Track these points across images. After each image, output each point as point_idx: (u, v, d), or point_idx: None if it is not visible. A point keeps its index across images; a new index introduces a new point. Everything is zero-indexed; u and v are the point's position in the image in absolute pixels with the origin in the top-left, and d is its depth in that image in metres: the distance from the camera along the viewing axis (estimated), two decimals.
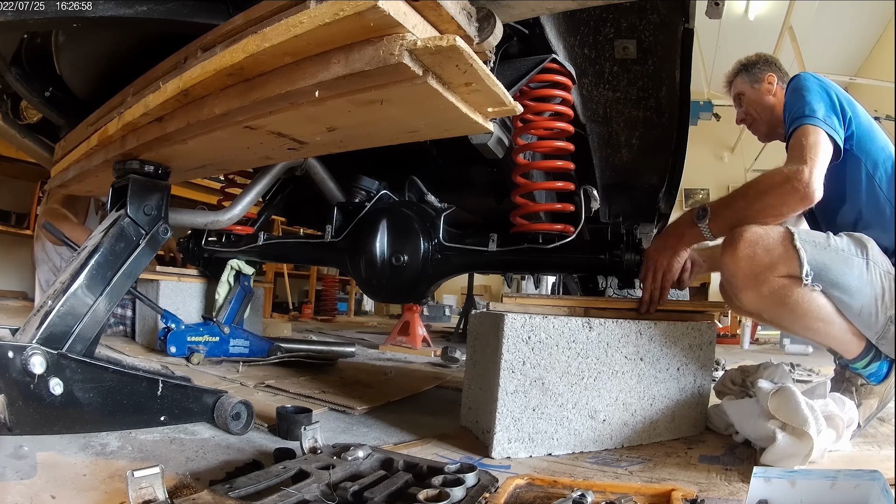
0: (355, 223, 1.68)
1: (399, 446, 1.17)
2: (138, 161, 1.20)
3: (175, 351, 1.89)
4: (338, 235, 1.73)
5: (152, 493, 0.72)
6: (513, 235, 1.48)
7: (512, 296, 1.27)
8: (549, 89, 1.37)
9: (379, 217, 1.62)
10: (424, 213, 1.59)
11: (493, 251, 1.49)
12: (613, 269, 1.42)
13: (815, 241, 1.18)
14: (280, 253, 2.07)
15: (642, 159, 1.78)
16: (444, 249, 1.55)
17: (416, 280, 1.58)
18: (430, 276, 1.57)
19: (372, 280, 1.63)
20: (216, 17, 1.00)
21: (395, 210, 1.63)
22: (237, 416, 1.17)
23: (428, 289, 1.61)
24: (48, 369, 0.96)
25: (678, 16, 1.28)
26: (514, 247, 1.47)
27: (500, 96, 0.80)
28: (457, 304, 6.82)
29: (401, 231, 1.59)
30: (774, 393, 1.13)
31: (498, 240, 1.49)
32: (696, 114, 6.61)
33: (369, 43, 0.70)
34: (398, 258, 1.56)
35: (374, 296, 1.78)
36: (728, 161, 8.17)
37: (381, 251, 1.59)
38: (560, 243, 1.41)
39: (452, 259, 1.56)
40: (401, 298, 1.69)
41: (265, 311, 3.53)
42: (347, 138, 1.00)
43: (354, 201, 1.74)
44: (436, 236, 1.56)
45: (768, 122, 1.66)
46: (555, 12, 1.20)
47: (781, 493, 0.78)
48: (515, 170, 1.46)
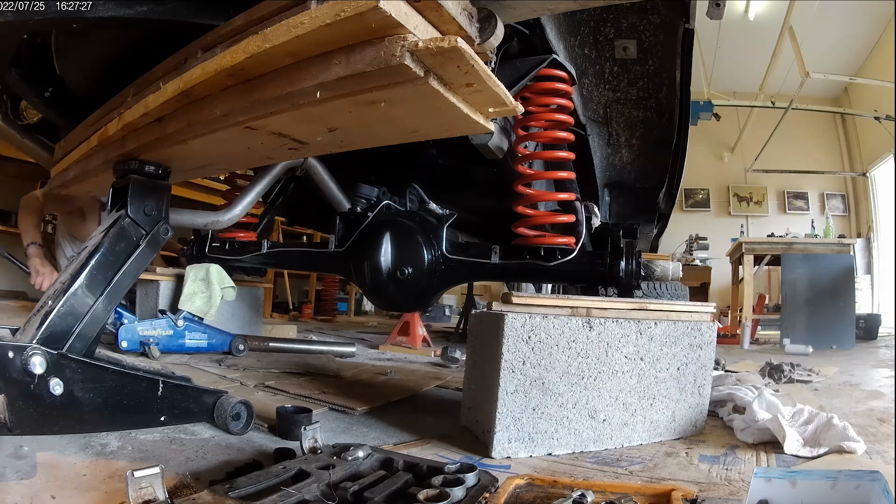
0: (359, 234, 1.71)
1: (399, 446, 1.17)
2: (138, 161, 1.20)
3: (126, 346, 1.86)
4: (341, 245, 1.75)
5: (152, 493, 0.72)
6: (515, 248, 1.50)
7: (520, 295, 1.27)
8: (550, 90, 1.37)
9: (382, 229, 1.64)
10: (427, 223, 1.62)
11: (496, 264, 1.52)
12: (613, 282, 1.44)
13: None
14: (284, 261, 2.09)
15: (643, 159, 1.78)
16: (448, 261, 1.58)
17: (421, 291, 1.61)
18: (433, 287, 1.61)
19: (378, 290, 1.66)
20: (217, 18, 1.00)
21: (397, 222, 1.65)
22: (237, 417, 1.17)
23: (432, 298, 1.64)
24: (48, 369, 0.96)
25: (678, 16, 1.28)
26: (515, 260, 1.50)
27: (501, 97, 0.80)
28: (457, 304, 6.81)
29: (404, 243, 1.62)
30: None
31: (500, 252, 1.52)
32: (696, 114, 6.61)
33: (370, 44, 0.70)
34: (402, 271, 1.59)
35: (380, 305, 1.82)
36: (728, 161, 8.16)
37: (385, 263, 1.62)
38: (562, 260, 1.43)
39: (455, 270, 1.58)
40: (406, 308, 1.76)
41: (265, 312, 3.53)
42: (348, 139, 1.00)
43: (356, 210, 1.76)
44: (439, 248, 1.59)
45: None
46: (556, 13, 1.20)
47: (782, 494, 0.78)
48: (517, 180, 1.47)
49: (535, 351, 1.15)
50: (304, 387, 1.67)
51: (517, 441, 1.13)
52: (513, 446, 1.13)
